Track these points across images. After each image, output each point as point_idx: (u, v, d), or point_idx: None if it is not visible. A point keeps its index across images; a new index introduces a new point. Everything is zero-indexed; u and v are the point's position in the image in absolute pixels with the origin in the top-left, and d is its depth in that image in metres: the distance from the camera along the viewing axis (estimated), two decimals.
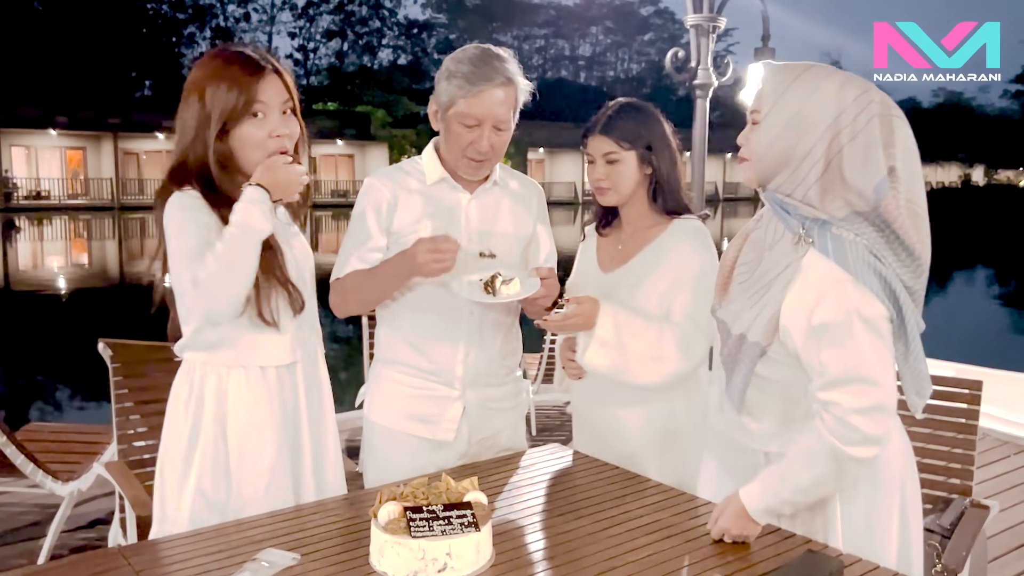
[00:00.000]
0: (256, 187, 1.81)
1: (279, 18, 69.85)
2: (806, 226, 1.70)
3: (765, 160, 1.73)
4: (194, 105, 1.86)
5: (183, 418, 1.90)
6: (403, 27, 64.38)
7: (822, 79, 1.70)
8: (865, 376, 1.63)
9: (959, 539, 2.15)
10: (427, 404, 2.21)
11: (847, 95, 1.68)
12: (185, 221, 1.81)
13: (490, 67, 2.08)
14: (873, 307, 1.64)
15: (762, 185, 1.79)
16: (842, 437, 1.63)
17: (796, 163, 1.70)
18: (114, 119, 38.28)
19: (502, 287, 2.02)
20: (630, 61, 75.11)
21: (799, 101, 1.69)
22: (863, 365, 1.63)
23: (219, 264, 1.74)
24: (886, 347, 1.66)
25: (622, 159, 2.18)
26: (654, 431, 2.20)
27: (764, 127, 1.72)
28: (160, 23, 53.80)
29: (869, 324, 1.63)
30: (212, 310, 1.79)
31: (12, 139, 36.65)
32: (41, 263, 22.51)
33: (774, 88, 1.72)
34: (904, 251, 1.65)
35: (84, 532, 3.77)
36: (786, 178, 1.72)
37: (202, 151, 1.86)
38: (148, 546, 1.74)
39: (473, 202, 2.22)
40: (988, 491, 4.22)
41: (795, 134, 1.69)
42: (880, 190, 1.64)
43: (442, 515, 1.56)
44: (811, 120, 1.68)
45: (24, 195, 36.62)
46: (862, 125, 1.66)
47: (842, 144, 1.66)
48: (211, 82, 1.85)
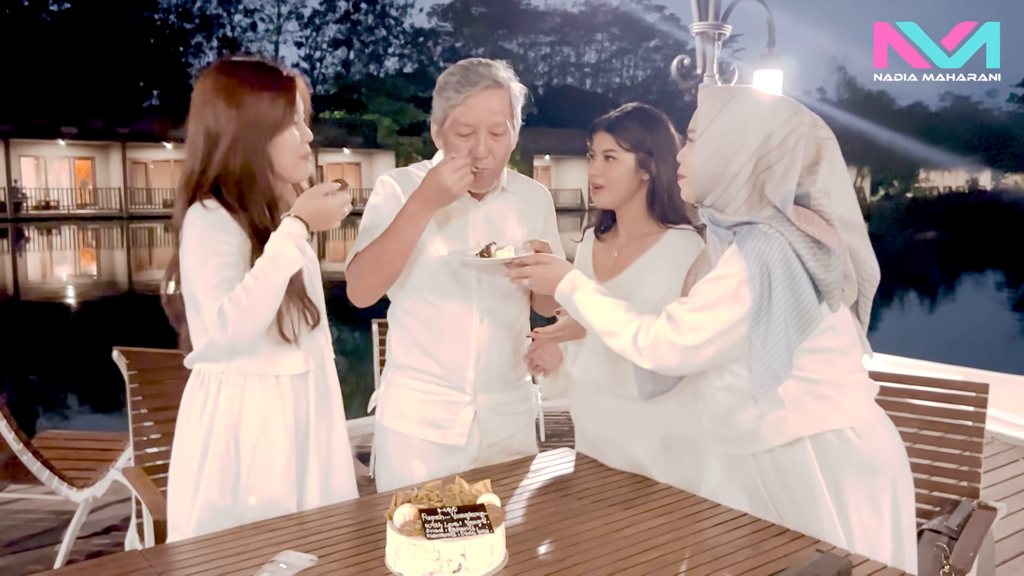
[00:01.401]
0: (295, 219, 1.84)
1: (285, 28, 70.04)
2: (737, 231, 1.79)
3: (699, 178, 1.83)
4: (229, 114, 1.86)
5: (196, 428, 1.91)
6: (409, 36, 64.57)
7: (754, 103, 1.80)
8: (693, 323, 1.76)
9: (966, 540, 2.17)
10: (439, 409, 2.24)
11: (778, 117, 1.77)
12: (207, 243, 1.82)
13: (475, 73, 2.12)
14: (734, 285, 1.74)
15: (699, 201, 1.88)
16: (645, 343, 1.79)
17: (727, 182, 1.79)
18: (122, 129, 38.53)
19: (497, 252, 2.04)
20: (636, 68, 75.13)
21: (731, 124, 1.78)
22: (699, 313, 1.76)
23: (249, 299, 1.77)
24: (730, 316, 1.75)
25: (619, 159, 2.19)
26: (653, 441, 2.21)
27: (698, 147, 1.81)
28: (167, 33, 54.03)
29: (725, 293, 1.75)
30: (237, 340, 1.81)
31: (21, 149, 36.89)
32: (50, 273, 22.62)
33: (708, 110, 1.81)
34: (820, 246, 1.73)
35: (99, 538, 3.81)
36: (719, 195, 1.81)
37: (242, 161, 1.88)
38: (168, 549, 1.77)
39: (482, 209, 2.25)
40: (997, 495, 4.23)
41: (725, 155, 1.78)
42: (785, 201, 1.73)
43: (456, 517, 1.59)
44: (741, 142, 1.77)
45: (33, 205, 36.85)
46: (790, 146, 1.76)
47: (769, 163, 1.76)
48: (251, 92, 1.87)
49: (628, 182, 2.20)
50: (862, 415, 1.84)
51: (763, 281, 1.71)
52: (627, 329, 1.83)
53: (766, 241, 1.72)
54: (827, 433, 1.80)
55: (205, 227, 1.84)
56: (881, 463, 1.82)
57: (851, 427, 1.81)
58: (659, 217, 2.22)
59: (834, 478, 1.80)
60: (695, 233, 2.21)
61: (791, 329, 1.72)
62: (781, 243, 1.71)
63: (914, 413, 2.66)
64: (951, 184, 68.97)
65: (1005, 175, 72.01)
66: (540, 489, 2.06)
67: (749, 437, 1.86)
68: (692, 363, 1.81)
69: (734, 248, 1.77)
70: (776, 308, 1.71)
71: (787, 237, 1.72)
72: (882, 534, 1.81)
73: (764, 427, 1.83)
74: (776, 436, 1.82)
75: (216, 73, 1.93)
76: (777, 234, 1.72)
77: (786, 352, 1.72)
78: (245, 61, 1.95)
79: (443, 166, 2.02)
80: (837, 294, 1.76)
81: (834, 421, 1.80)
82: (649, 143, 2.19)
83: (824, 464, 1.80)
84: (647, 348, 1.80)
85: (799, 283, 1.72)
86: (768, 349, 1.72)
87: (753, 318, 1.73)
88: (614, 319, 1.86)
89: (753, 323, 1.73)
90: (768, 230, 1.73)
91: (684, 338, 1.76)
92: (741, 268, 1.73)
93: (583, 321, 1.92)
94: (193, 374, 1.98)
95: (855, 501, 1.80)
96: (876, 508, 1.81)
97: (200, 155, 1.90)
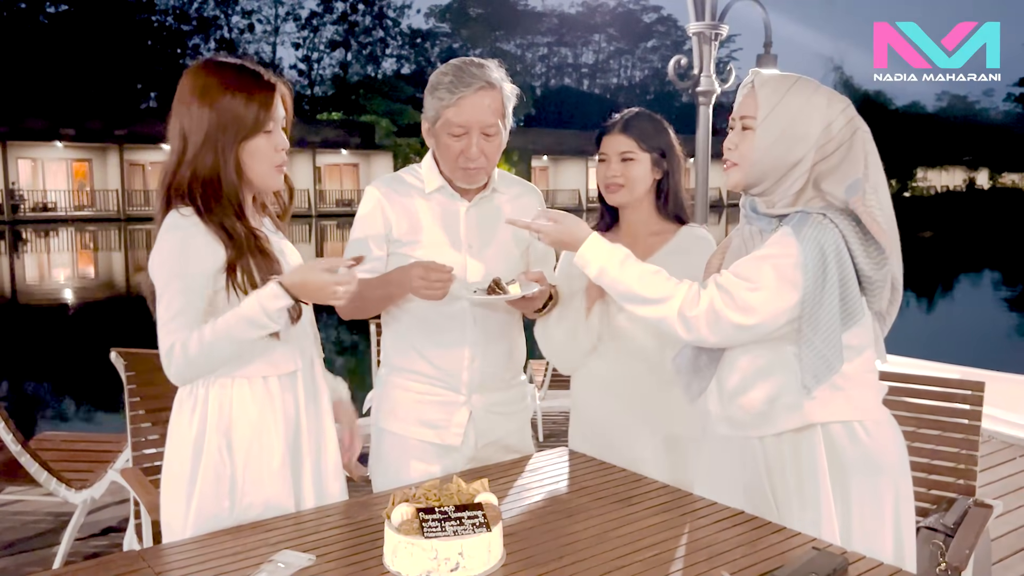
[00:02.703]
0: (278, 286, 1.78)
1: (283, 29, 70.14)
2: (783, 219, 1.80)
3: (758, 166, 1.82)
4: (202, 113, 1.83)
5: (187, 429, 1.91)
6: (406, 36, 64.60)
7: (813, 91, 1.81)
8: (746, 302, 1.74)
9: (962, 537, 2.18)
10: (434, 409, 2.25)
11: (835, 108, 1.79)
12: (177, 261, 1.80)
13: (468, 74, 2.13)
14: (790, 271, 1.73)
15: (748, 189, 1.88)
16: (690, 312, 1.77)
17: (786, 170, 1.80)
18: (120, 131, 38.46)
19: (509, 287, 2.08)
20: (633, 68, 75.24)
21: (794, 111, 1.78)
22: (751, 292, 1.74)
23: (200, 352, 1.77)
24: (781, 303, 1.74)
25: (637, 159, 2.25)
26: (654, 438, 2.22)
27: (759, 134, 1.80)
28: (165, 35, 54.04)
29: (778, 278, 1.73)
30: (178, 380, 1.84)
31: (18, 152, 36.85)
32: (48, 275, 22.60)
33: (768, 96, 1.80)
34: (871, 243, 1.74)
35: (97, 539, 3.81)
36: (772, 183, 1.82)
37: (211, 162, 1.84)
38: (166, 549, 1.77)
39: (472, 210, 2.26)
40: (994, 493, 4.24)
41: (788, 143, 1.78)
42: (850, 192, 1.74)
43: (454, 516, 1.59)
44: (805, 131, 1.78)
45: (31, 207, 36.81)
46: (847, 136, 1.78)
47: (827, 153, 1.77)
48: (225, 93, 1.83)
49: (646, 180, 2.27)
50: (871, 412, 1.85)
51: (818, 269, 1.71)
52: (673, 297, 1.79)
53: (822, 230, 1.72)
54: (836, 424, 1.81)
55: (177, 241, 1.81)
56: (885, 462, 1.83)
57: (860, 421, 1.82)
58: (669, 214, 2.29)
59: (839, 471, 1.81)
60: (705, 231, 2.29)
61: (840, 320, 1.73)
62: (835, 233, 1.72)
63: (911, 411, 2.67)
64: (948, 183, 69.05)
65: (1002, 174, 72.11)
66: (537, 488, 2.06)
67: (760, 419, 1.86)
68: (737, 340, 1.80)
69: (788, 230, 1.76)
70: (830, 298, 1.72)
71: (841, 229, 1.73)
72: (883, 533, 1.81)
73: (777, 410, 1.83)
74: (788, 420, 1.83)
75: (196, 71, 1.89)
76: (832, 224, 1.73)
77: (838, 342, 1.73)
78: (228, 62, 1.90)
79: (416, 274, 2.02)
80: (878, 292, 1.77)
81: (845, 413, 1.81)
82: (661, 143, 2.26)
83: (831, 455, 1.81)
84: (695, 319, 1.76)
85: (848, 276, 1.73)
86: (822, 338, 1.73)
87: (807, 306, 1.73)
88: (654, 286, 1.81)
89: (807, 311, 1.73)
90: (823, 220, 1.74)
91: (739, 316, 1.74)
92: (796, 251, 1.73)
93: (614, 288, 1.86)
94: None
95: (858, 497, 1.80)
96: (878, 507, 1.81)
97: (176, 154, 1.87)
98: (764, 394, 1.85)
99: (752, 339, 1.80)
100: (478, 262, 2.23)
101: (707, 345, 1.86)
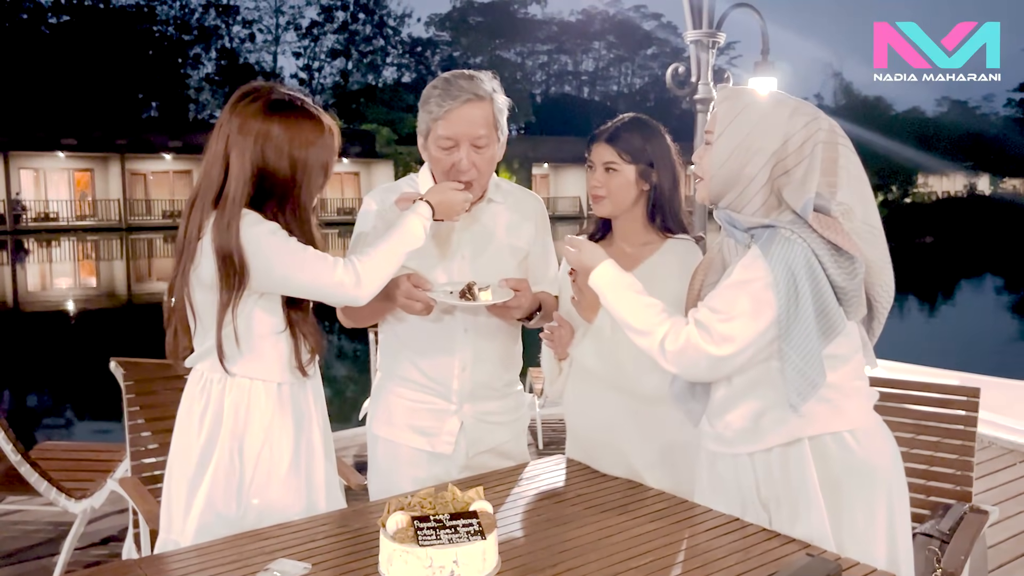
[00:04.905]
0: (425, 203, 2.05)
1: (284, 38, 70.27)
2: (754, 234, 1.80)
3: (716, 180, 1.84)
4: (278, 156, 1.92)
5: (196, 431, 1.94)
6: (407, 45, 64.71)
7: (773, 106, 1.81)
8: (724, 332, 1.75)
9: (958, 543, 2.18)
10: (426, 417, 2.26)
11: (796, 122, 1.78)
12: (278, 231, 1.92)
13: (456, 87, 2.14)
14: (762, 293, 1.74)
15: (714, 203, 1.90)
16: (671, 347, 1.80)
17: (743, 185, 1.81)
18: (121, 140, 38.54)
19: (480, 294, 2.09)
20: (633, 75, 75.27)
21: (749, 126, 1.79)
22: (727, 322, 1.76)
23: (377, 256, 1.97)
24: (757, 327, 1.75)
25: (621, 170, 2.20)
26: (649, 446, 2.22)
27: (715, 149, 1.82)
28: (166, 45, 54.18)
29: (752, 303, 1.75)
30: (369, 294, 1.96)
31: (21, 162, 36.91)
32: (50, 284, 22.64)
33: (727, 111, 1.82)
34: (841, 253, 1.74)
35: (97, 549, 3.82)
36: (735, 197, 1.83)
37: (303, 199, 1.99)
38: (164, 558, 1.78)
39: (469, 220, 2.26)
40: (992, 499, 4.23)
41: (742, 158, 1.79)
42: (806, 208, 1.74)
43: (449, 524, 1.60)
44: (759, 145, 1.78)
45: (33, 217, 36.86)
46: (808, 151, 1.77)
47: (787, 168, 1.78)
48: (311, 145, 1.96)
49: (629, 193, 2.22)
50: (861, 421, 1.85)
51: (790, 287, 1.72)
52: (657, 330, 1.83)
53: (789, 246, 1.73)
54: (826, 436, 1.81)
55: (270, 226, 1.91)
56: (877, 469, 1.83)
57: (850, 431, 1.82)
58: (659, 226, 2.24)
59: (830, 482, 1.81)
60: (693, 243, 2.23)
61: (818, 335, 1.73)
62: (804, 249, 1.72)
63: (907, 417, 2.68)
64: (949, 189, 69.00)
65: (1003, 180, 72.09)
66: (532, 496, 2.07)
67: (749, 435, 1.86)
68: (722, 371, 1.82)
69: (757, 252, 1.78)
70: (804, 314, 1.72)
71: (809, 243, 1.73)
72: (876, 541, 1.82)
73: (764, 426, 1.84)
74: (776, 436, 1.83)
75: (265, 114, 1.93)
76: (800, 240, 1.73)
77: (818, 358, 1.73)
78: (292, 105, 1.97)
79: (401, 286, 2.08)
80: (856, 302, 1.77)
81: (834, 424, 1.81)
82: (649, 154, 2.20)
83: (821, 467, 1.81)
84: (674, 353, 1.80)
85: (823, 289, 1.73)
86: (802, 356, 1.73)
87: (782, 325, 1.73)
88: (644, 318, 1.86)
89: (783, 330, 1.74)
90: (790, 235, 1.74)
91: (717, 348, 1.76)
92: (766, 272, 1.74)
93: (613, 314, 1.94)
94: (193, 377, 2.00)
95: (849, 506, 1.81)
96: (870, 514, 1.82)
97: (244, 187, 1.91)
98: (750, 410, 1.85)
99: (735, 368, 1.81)
100: (469, 271, 2.24)
101: (699, 379, 1.89)
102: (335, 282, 1.91)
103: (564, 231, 2.49)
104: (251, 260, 1.88)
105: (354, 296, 1.95)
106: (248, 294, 1.91)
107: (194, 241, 1.91)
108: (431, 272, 2.21)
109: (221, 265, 1.87)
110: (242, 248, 1.87)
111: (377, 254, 1.97)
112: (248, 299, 1.92)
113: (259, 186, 1.92)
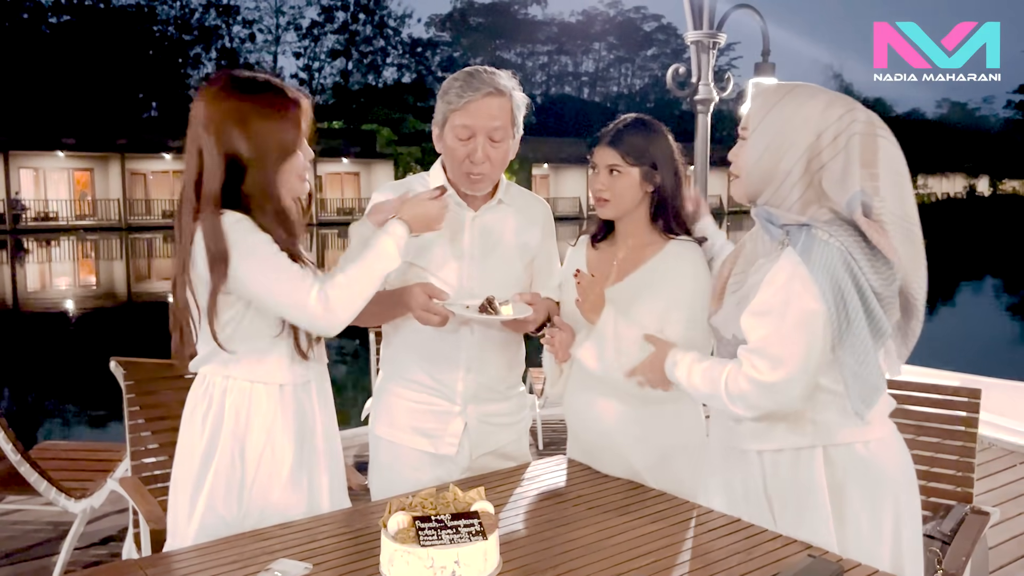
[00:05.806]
0: (399, 221, 1.98)
1: (284, 38, 70.46)
2: (790, 232, 1.77)
3: (751, 177, 1.82)
4: (239, 136, 1.86)
5: (199, 433, 1.93)
6: (407, 46, 64.80)
7: (807, 99, 1.77)
8: (775, 355, 1.73)
9: (959, 544, 2.18)
10: (429, 419, 2.25)
11: (831, 115, 1.75)
12: (260, 241, 1.86)
13: (477, 79, 2.16)
14: (810, 304, 1.71)
15: (751, 200, 1.87)
16: (734, 390, 1.77)
17: (779, 180, 1.78)
18: (121, 140, 38.56)
19: (501, 307, 2.09)
20: (633, 76, 75.35)
21: (782, 121, 1.77)
22: (777, 345, 1.73)
23: (350, 284, 1.88)
24: (811, 341, 1.72)
25: (624, 173, 2.18)
26: (650, 448, 2.22)
27: (749, 145, 1.81)
28: (166, 45, 54.26)
29: (799, 317, 1.72)
30: (338, 323, 1.88)
31: (20, 161, 36.92)
32: (49, 284, 22.63)
33: (759, 108, 1.80)
34: (878, 257, 1.71)
35: (97, 549, 3.81)
36: (771, 194, 1.80)
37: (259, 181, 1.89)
38: (165, 558, 1.78)
39: (477, 219, 2.26)
40: (993, 500, 4.23)
41: (777, 153, 1.77)
42: (852, 204, 1.71)
43: (450, 524, 1.60)
44: (792, 140, 1.76)
45: (32, 216, 36.87)
46: (843, 144, 1.73)
47: (823, 162, 1.74)
48: (263, 118, 1.88)
49: (633, 195, 2.20)
50: (877, 432, 1.83)
51: (836, 294, 1.69)
52: (719, 385, 1.81)
53: (827, 251, 1.69)
54: (840, 445, 1.81)
55: (250, 228, 1.86)
56: (886, 476, 1.81)
57: (863, 441, 1.81)
58: (662, 228, 2.22)
59: (837, 487, 1.80)
60: (696, 245, 2.22)
61: (871, 337, 1.71)
62: (842, 252, 1.69)
63: (909, 419, 2.67)
64: (949, 190, 69.09)
65: (1003, 181, 72.13)
66: (534, 496, 2.07)
67: (762, 433, 1.85)
68: (788, 397, 1.76)
69: (795, 259, 1.72)
70: (856, 319, 1.69)
71: (845, 245, 1.69)
72: (880, 546, 1.80)
73: (778, 427, 1.83)
74: (788, 439, 1.82)
75: (224, 93, 1.90)
76: (836, 242, 1.69)
77: (875, 360, 1.72)
78: (254, 81, 1.93)
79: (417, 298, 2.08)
80: (891, 308, 1.74)
81: (848, 435, 1.80)
82: (652, 155, 2.18)
83: (830, 472, 1.80)
84: (738, 395, 1.78)
85: (866, 292, 1.70)
86: (859, 360, 1.71)
87: (837, 334, 1.71)
88: (709, 381, 1.84)
89: (839, 339, 1.71)
90: (827, 238, 1.70)
91: (775, 374, 1.73)
92: (809, 283, 1.69)
93: (694, 392, 1.91)
94: (197, 380, 2.00)
95: (854, 511, 1.79)
96: (876, 522, 1.80)
97: (217, 174, 1.87)
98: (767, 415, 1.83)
99: (805, 389, 1.76)
100: (478, 271, 2.24)
101: (770, 412, 1.81)
102: (307, 312, 1.85)
103: (565, 232, 2.49)
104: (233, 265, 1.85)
105: (323, 327, 1.89)
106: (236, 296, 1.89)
107: (188, 244, 1.90)
108: (440, 270, 2.21)
109: (211, 262, 1.86)
110: (228, 252, 1.85)
111: (349, 281, 1.89)
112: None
113: (230, 172, 1.87)
